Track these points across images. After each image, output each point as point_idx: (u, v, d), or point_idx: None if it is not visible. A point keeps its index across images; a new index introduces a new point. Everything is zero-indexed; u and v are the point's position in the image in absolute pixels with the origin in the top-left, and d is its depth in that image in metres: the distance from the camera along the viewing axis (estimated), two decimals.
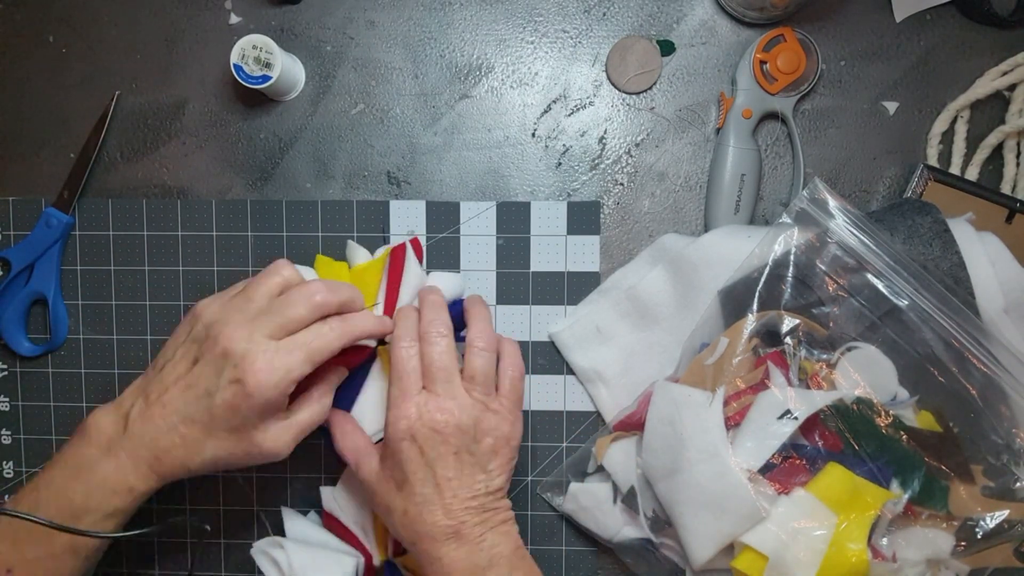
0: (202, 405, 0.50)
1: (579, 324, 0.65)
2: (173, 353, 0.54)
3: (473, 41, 0.66)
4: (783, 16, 0.64)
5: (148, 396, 0.52)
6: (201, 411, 0.50)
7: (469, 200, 0.66)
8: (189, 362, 0.52)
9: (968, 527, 0.53)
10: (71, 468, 0.52)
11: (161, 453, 0.51)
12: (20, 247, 0.66)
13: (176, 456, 0.52)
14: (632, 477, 0.59)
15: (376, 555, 0.62)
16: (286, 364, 0.50)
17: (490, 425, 0.54)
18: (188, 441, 0.51)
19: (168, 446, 0.51)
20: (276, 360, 0.50)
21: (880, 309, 0.56)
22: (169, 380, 0.52)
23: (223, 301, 0.54)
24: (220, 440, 0.51)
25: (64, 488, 0.52)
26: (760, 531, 0.52)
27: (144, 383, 0.54)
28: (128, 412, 0.52)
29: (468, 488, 0.54)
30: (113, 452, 0.52)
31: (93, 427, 0.53)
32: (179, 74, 0.67)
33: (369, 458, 0.57)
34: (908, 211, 0.58)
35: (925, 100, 0.65)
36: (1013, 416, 0.54)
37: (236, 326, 0.50)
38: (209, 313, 0.53)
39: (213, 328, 0.51)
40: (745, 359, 0.56)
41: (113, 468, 0.51)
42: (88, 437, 0.52)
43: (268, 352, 0.50)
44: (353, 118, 0.67)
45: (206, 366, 0.51)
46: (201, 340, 0.52)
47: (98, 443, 0.52)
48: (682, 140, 0.66)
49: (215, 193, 0.67)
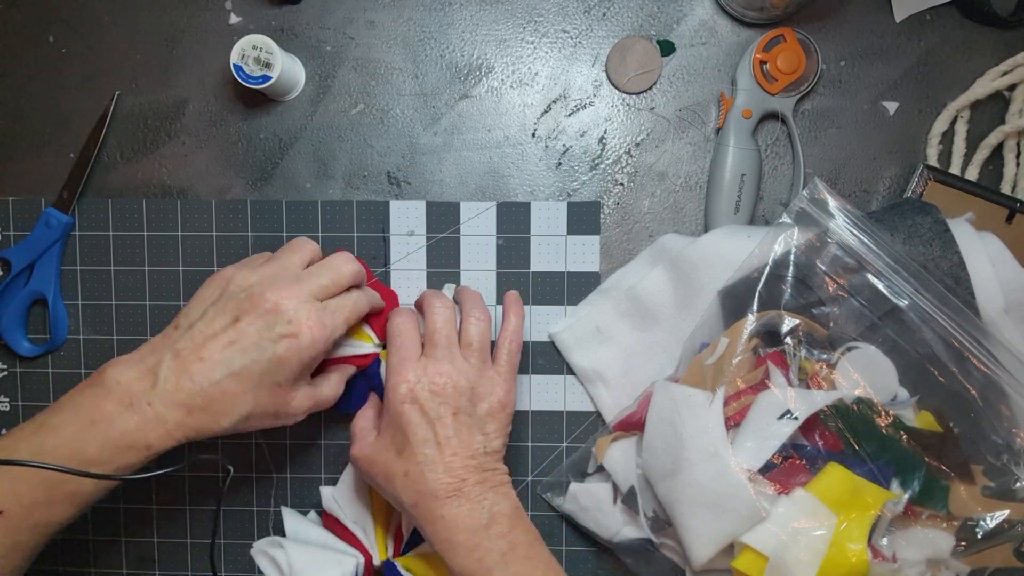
0: (248, 358, 0.52)
1: (579, 324, 0.65)
2: (202, 313, 0.54)
3: (473, 41, 0.66)
4: (783, 16, 0.64)
5: (179, 353, 0.52)
6: (248, 364, 0.52)
7: (469, 200, 0.66)
8: (228, 319, 0.53)
9: (968, 527, 0.53)
10: (84, 419, 0.51)
11: (196, 409, 0.52)
12: (20, 247, 0.66)
13: (212, 411, 0.52)
14: (632, 477, 0.59)
15: (376, 555, 0.62)
16: (333, 322, 0.54)
17: (486, 390, 0.57)
18: (228, 395, 0.52)
19: (205, 402, 0.52)
20: (325, 318, 0.54)
21: (880, 309, 0.56)
22: (203, 337, 0.52)
23: (254, 267, 0.56)
24: (259, 395, 0.53)
25: (76, 438, 0.51)
26: (760, 531, 0.52)
27: (168, 341, 0.53)
28: (155, 368, 0.52)
29: (467, 447, 0.55)
30: (136, 407, 0.51)
31: (112, 380, 0.52)
32: (179, 74, 0.67)
33: (368, 433, 0.59)
34: (908, 211, 0.58)
35: (925, 100, 0.65)
36: (1013, 416, 0.54)
37: (284, 287, 0.53)
38: (243, 277, 0.54)
39: (256, 288, 0.53)
40: (745, 359, 0.56)
41: (135, 424, 0.51)
42: (106, 389, 0.51)
43: (318, 310, 0.53)
44: (353, 118, 0.67)
45: (253, 322, 0.52)
46: (240, 299, 0.53)
47: (118, 397, 0.51)
48: (682, 140, 0.66)
49: (215, 193, 0.67)
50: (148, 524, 0.68)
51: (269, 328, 0.52)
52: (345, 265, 0.57)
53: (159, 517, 0.68)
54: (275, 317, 0.52)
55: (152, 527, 0.68)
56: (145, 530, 0.68)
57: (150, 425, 0.51)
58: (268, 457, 0.67)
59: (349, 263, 0.57)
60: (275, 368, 0.52)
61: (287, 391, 0.55)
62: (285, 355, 0.52)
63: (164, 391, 0.51)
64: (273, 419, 0.55)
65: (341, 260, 0.57)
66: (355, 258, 0.58)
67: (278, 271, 0.55)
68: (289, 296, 0.53)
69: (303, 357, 0.53)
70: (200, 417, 0.52)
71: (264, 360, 0.52)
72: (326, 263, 0.57)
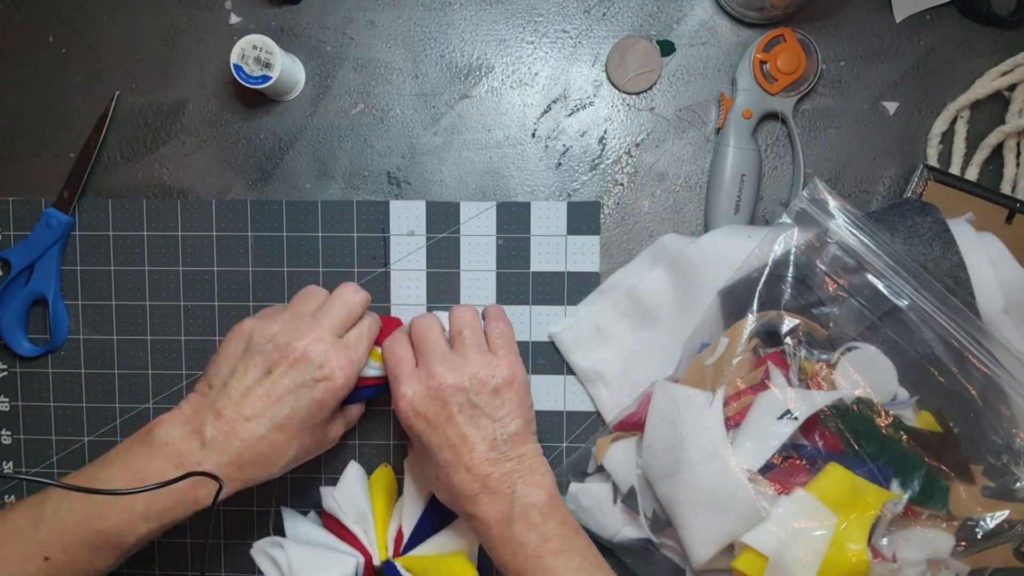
0: (289, 408, 0.54)
1: (579, 324, 0.65)
2: (231, 369, 0.55)
3: (473, 41, 0.66)
4: (783, 16, 0.64)
5: (220, 412, 0.53)
6: (289, 414, 0.54)
7: (469, 200, 0.66)
8: (260, 372, 0.54)
9: (968, 527, 0.53)
10: (135, 476, 0.52)
11: (246, 464, 0.53)
12: (20, 247, 0.66)
13: (261, 464, 0.54)
14: (632, 477, 0.59)
15: (376, 555, 0.62)
16: (357, 356, 0.57)
17: (487, 373, 0.56)
18: (276, 446, 0.54)
19: (255, 456, 0.53)
20: (351, 354, 0.56)
21: (880, 309, 0.56)
22: (239, 393, 0.54)
23: (272, 318, 0.57)
24: (303, 438, 0.55)
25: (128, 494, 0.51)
26: (760, 531, 0.52)
27: (206, 401, 0.54)
28: (200, 428, 0.53)
29: (482, 440, 0.55)
30: (186, 467, 0.52)
31: (161, 440, 0.53)
32: (179, 74, 0.67)
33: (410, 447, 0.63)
34: (908, 211, 0.58)
35: (925, 100, 0.65)
36: (1013, 416, 0.54)
37: (307, 332, 0.55)
38: (264, 328, 0.56)
39: (280, 338, 0.55)
40: (745, 359, 0.56)
41: (185, 483, 0.51)
42: (155, 448, 0.53)
43: (343, 349, 0.56)
44: (353, 118, 0.67)
45: (287, 373, 0.54)
46: (267, 351, 0.55)
47: (167, 456, 0.52)
48: (682, 140, 0.66)
49: (215, 193, 0.67)
50: None
51: (302, 375, 0.54)
52: (354, 296, 0.58)
53: None
54: (306, 364, 0.54)
55: None
56: None
57: (200, 482, 0.52)
58: None
59: (357, 293, 0.59)
60: (315, 412, 0.55)
61: (326, 427, 0.58)
62: (323, 399, 0.55)
63: (212, 451, 0.53)
64: (317, 452, 0.58)
65: (350, 292, 0.59)
66: (359, 287, 0.60)
67: (296, 316, 0.57)
68: (314, 340, 0.55)
69: (339, 396, 0.56)
70: (250, 471, 0.54)
71: (304, 407, 0.54)
72: (336, 298, 0.58)
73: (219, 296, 0.67)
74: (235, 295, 0.67)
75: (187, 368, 0.68)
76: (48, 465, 0.69)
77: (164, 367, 0.68)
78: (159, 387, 0.68)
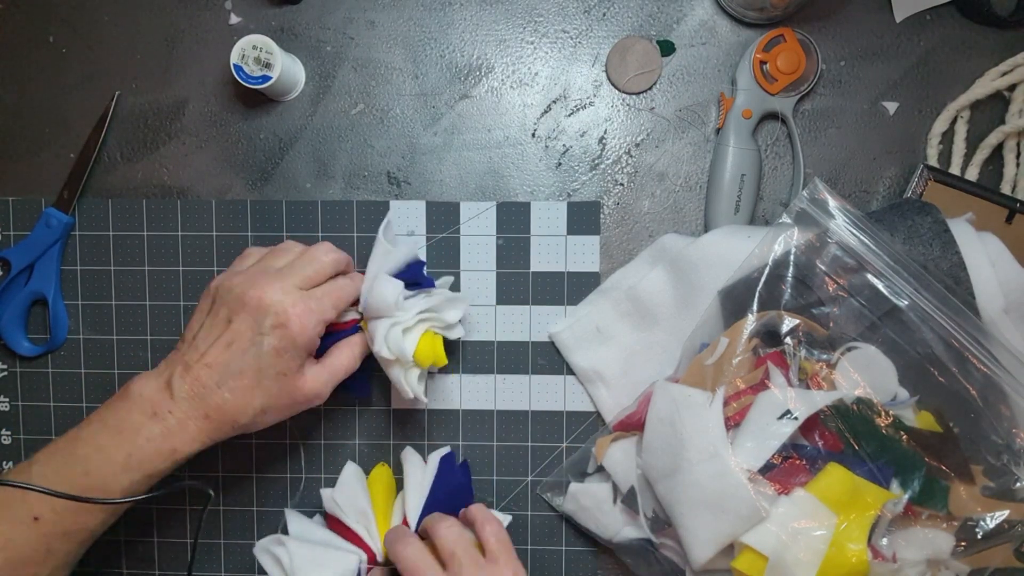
0: (248, 356, 0.54)
1: (579, 324, 0.65)
2: (200, 324, 0.56)
3: (473, 41, 0.66)
4: (783, 16, 0.64)
5: (188, 364, 0.55)
6: (248, 362, 0.54)
7: (469, 200, 0.66)
8: (223, 324, 0.55)
9: (968, 527, 0.53)
10: (113, 429, 0.54)
11: (211, 411, 0.54)
12: (20, 247, 0.66)
13: (227, 412, 0.54)
14: (632, 477, 0.59)
15: (379, 552, 0.62)
16: (320, 307, 0.55)
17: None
18: (238, 394, 0.54)
19: (219, 403, 0.54)
20: (311, 303, 0.55)
21: (880, 309, 0.56)
22: (206, 344, 0.55)
23: (240, 271, 0.57)
24: (267, 388, 0.55)
25: (105, 446, 0.53)
26: (760, 531, 0.52)
27: (177, 356, 0.56)
28: (170, 380, 0.55)
29: None
30: (159, 416, 0.54)
31: (136, 393, 0.54)
32: (179, 74, 0.67)
33: None
34: (908, 211, 0.58)
35: (925, 100, 0.65)
36: (1013, 416, 0.54)
37: (266, 284, 0.55)
38: (230, 283, 0.56)
39: (239, 288, 0.55)
40: (745, 359, 0.56)
41: (159, 431, 0.53)
42: (131, 401, 0.54)
43: (303, 299, 0.55)
44: (353, 118, 0.67)
45: (244, 321, 0.54)
46: (229, 303, 0.55)
47: (142, 408, 0.54)
48: (682, 140, 0.66)
49: (215, 193, 0.67)
50: (149, 524, 0.68)
51: (259, 323, 0.54)
52: (325, 255, 0.58)
53: (159, 519, 0.68)
54: (262, 313, 0.54)
55: (152, 527, 0.68)
56: (146, 530, 0.68)
57: (173, 431, 0.54)
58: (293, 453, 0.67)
59: (329, 252, 0.58)
60: (273, 360, 0.54)
61: (294, 378, 0.56)
62: (279, 345, 0.54)
63: (179, 399, 0.54)
64: (292, 405, 0.57)
65: (321, 251, 0.58)
66: (336, 248, 0.59)
67: (262, 270, 0.57)
68: (272, 290, 0.54)
69: (298, 344, 0.54)
70: (217, 419, 0.54)
71: (261, 355, 0.54)
72: (306, 254, 0.58)
73: None
74: None
75: None
76: None
77: None
78: None
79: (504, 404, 0.66)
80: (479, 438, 0.67)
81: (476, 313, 0.66)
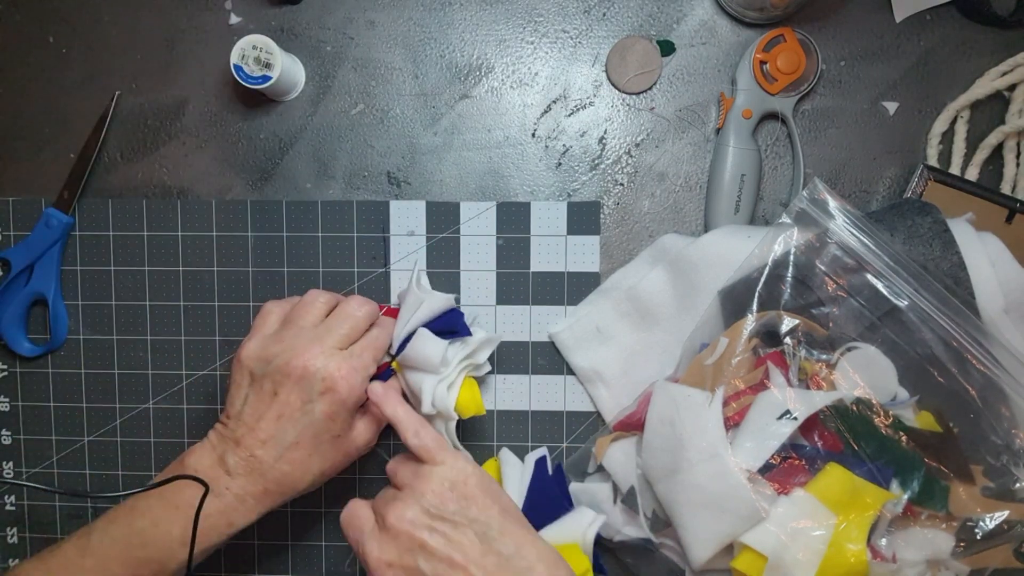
0: (300, 425, 0.54)
1: (579, 324, 0.65)
2: (244, 399, 0.56)
3: (473, 41, 0.66)
4: (783, 16, 0.64)
5: (239, 441, 0.55)
6: (302, 431, 0.54)
7: (469, 200, 0.66)
8: (269, 396, 0.55)
9: (968, 528, 0.53)
10: (170, 504, 0.54)
11: (271, 485, 0.55)
12: (20, 247, 0.66)
13: (287, 483, 0.55)
14: (632, 477, 0.59)
15: None
16: (363, 364, 0.56)
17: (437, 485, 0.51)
18: (296, 464, 0.55)
19: (278, 477, 0.55)
20: (354, 362, 0.55)
21: (880, 309, 0.56)
22: (254, 419, 0.55)
23: (271, 338, 0.57)
24: (324, 452, 0.55)
25: (163, 520, 0.54)
26: (759, 531, 0.52)
27: (226, 432, 0.56)
28: (224, 457, 0.55)
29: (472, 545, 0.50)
30: (216, 493, 0.54)
31: (191, 469, 0.55)
32: (179, 74, 0.67)
33: None
34: (908, 211, 0.58)
35: (925, 100, 0.65)
36: (1013, 416, 0.54)
37: (306, 350, 0.55)
38: (266, 354, 0.56)
39: (281, 358, 0.55)
40: (745, 359, 0.56)
41: (216, 508, 0.54)
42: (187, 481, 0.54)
43: (345, 359, 0.55)
44: (353, 118, 0.67)
45: (292, 391, 0.54)
46: (272, 375, 0.55)
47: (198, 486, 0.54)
48: (682, 140, 0.66)
49: (215, 193, 0.67)
50: None
51: (307, 392, 0.54)
52: (359, 310, 0.58)
53: None
54: (309, 379, 0.54)
55: None
56: None
57: (231, 507, 0.54)
58: None
59: (363, 306, 0.59)
60: (327, 425, 0.55)
61: (347, 436, 0.57)
62: (331, 410, 0.54)
63: (236, 476, 0.54)
64: (347, 461, 0.58)
65: (354, 306, 0.58)
66: (367, 300, 0.60)
67: (297, 335, 0.56)
68: (314, 356, 0.55)
69: (348, 405, 0.55)
70: (276, 492, 0.55)
71: (314, 422, 0.54)
72: (340, 312, 0.58)
73: (219, 296, 0.67)
74: (235, 295, 0.67)
75: (187, 368, 0.68)
76: (48, 465, 0.69)
77: (164, 367, 0.68)
78: (159, 387, 0.68)
79: (504, 404, 0.66)
80: (479, 438, 0.67)
81: (476, 313, 0.66)
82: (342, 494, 0.67)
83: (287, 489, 0.55)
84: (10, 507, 0.69)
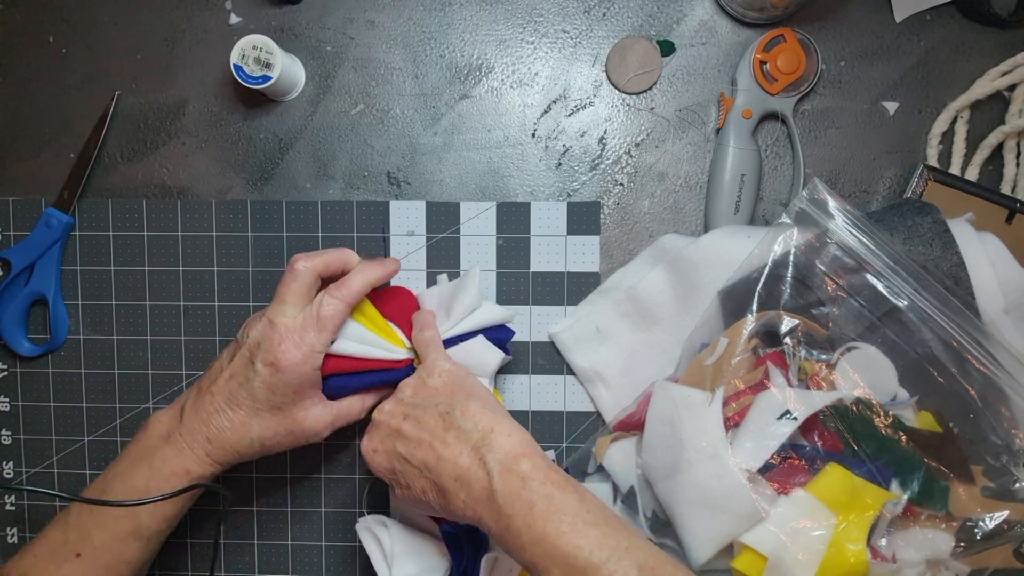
0: (244, 389, 0.56)
1: (579, 324, 0.65)
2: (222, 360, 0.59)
3: (473, 41, 0.66)
4: (783, 16, 0.64)
5: (200, 388, 0.58)
6: (244, 394, 0.56)
7: (469, 200, 0.66)
8: (230, 358, 0.58)
9: (968, 528, 0.53)
10: (134, 457, 0.57)
11: (212, 436, 0.57)
12: (20, 247, 0.66)
13: (226, 438, 0.57)
14: (632, 477, 0.59)
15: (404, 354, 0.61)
16: (308, 341, 0.56)
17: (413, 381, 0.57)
18: (235, 423, 0.57)
19: (218, 429, 0.57)
20: (298, 337, 0.56)
21: (880, 309, 0.56)
22: (215, 373, 0.58)
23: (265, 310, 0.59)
24: (264, 420, 0.57)
25: (127, 474, 0.57)
26: (759, 531, 0.52)
27: (198, 383, 0.59)
28: (183, 405, 0.58)
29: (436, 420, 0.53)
30: (171, 439, 0.57)
31: (154, 422, 0.58)
32: (179, 74, 0.67)
33: None
34: (908, 211, 0.58)
35: (925, 100, 0.65)
36: (1013, 417, 0.54)
37: (256, 319, 0.58)
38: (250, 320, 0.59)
39: (245, 326, 0.58)
40: (745, 359, 0.56)
41: (172, 452, 0.57)
42: (148, 430, 0.58)
43: (290, 334, 0.56)
44: (353, 118, 0.67)
45: (242, 356, 0.57)
46: (238, 340, 0.58)
47: (157, 434, 0.58)
48: (682, 140, 0.66)
49: (215, 193, 0.67)
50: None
51: (253, 359, 0.56)
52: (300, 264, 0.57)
53: None
54: (257, 349, 0.56)
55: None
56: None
57: (184, 453, 0.57)
58: None
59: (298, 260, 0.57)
60: (266, 394, 0.56)
61: (292, 412, 0.57)
62: (270, 380, 0.56)
63: (187, 421, 0.57)
64: (292, 438, 0.58)
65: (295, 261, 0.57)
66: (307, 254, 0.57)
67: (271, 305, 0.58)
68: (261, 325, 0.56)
69: (287, 380, 0.56)
70: (218, 443, 0.57)
71: (254, 388, 0.56)
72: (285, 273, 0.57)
73: (219, 296, 0.67)
74: (235, 295, 0.67)
75: (187, 368, 0.68)
76: (48, 465, 0.69)
77: (164, 367, 0.68)
78: (159, 387, 0.68)
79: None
80: None
81: None
82: (342, 495, 0.67)
83: (227, 447, 0.57)
84: (10, 507, 0.69)
